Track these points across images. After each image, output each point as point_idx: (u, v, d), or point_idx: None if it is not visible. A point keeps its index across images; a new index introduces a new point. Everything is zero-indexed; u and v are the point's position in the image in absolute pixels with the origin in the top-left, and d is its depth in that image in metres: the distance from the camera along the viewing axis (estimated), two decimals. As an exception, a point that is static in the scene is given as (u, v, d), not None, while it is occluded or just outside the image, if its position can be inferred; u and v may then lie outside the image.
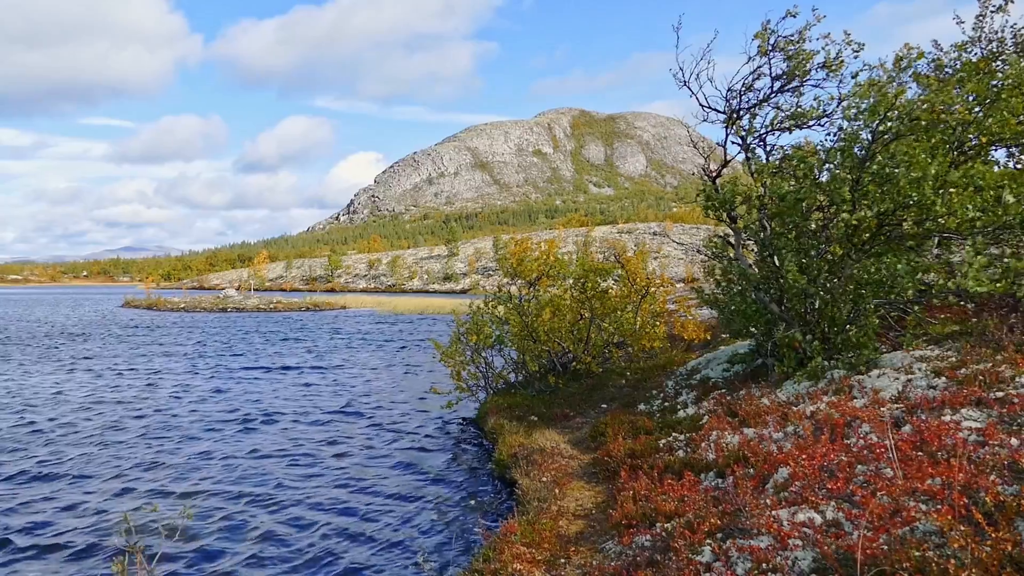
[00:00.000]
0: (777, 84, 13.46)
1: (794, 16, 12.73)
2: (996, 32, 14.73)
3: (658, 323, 21.63)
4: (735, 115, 13.83)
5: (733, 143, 14.11)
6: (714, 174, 14.33)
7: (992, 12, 14.50)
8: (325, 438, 18.13)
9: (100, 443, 17.49)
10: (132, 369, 32.43)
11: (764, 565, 5.45)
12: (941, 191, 11.05)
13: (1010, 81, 13.04)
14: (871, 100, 11.96)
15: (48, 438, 18.05)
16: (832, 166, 12.82)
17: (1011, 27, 14.56)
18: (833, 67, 12.93)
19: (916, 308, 11.89)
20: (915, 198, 11.01)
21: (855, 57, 12.87)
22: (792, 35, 12.92)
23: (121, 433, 18.71)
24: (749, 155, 14.04)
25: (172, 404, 22.90)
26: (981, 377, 8.81)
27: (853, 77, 12.90)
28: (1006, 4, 14.21)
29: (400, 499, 13.29)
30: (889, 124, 11.73)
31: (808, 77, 13.13)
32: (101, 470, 15.09)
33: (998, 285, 10.26)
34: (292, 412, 21.57)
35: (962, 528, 4.85)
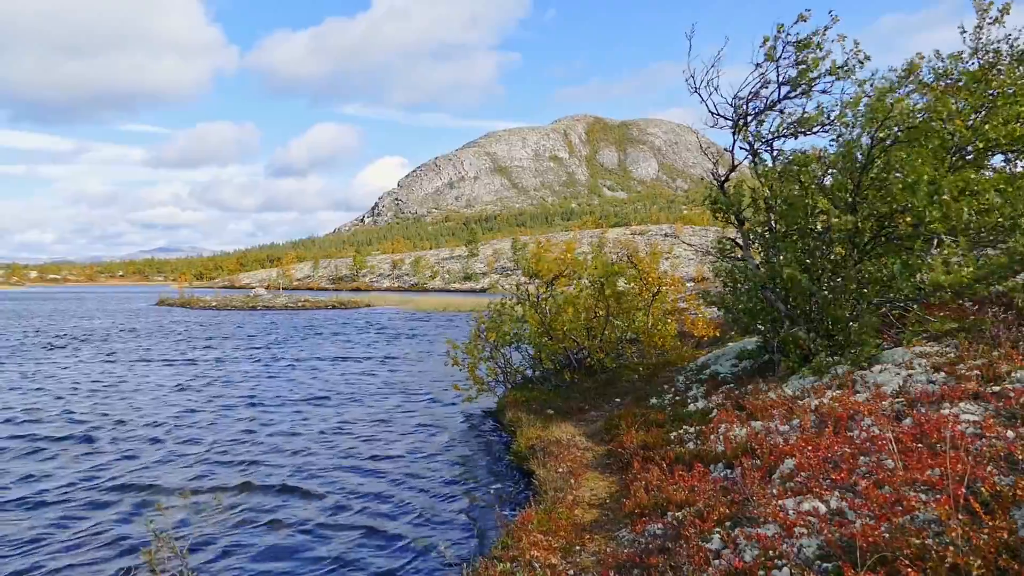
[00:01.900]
0: (784, 90, 13.46)
1: (805, 20, 12.73)
2: (992, 43, 14.73)
3: (669, 321, 21.61)
4: (742, 121, 13.83)
5: (741, 148, 14.13)
6: (722, 178, 14.32)
7: (989, 24, 14.51)
8: (353, 426, 18.31)
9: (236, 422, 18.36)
10: (191, 361, 33.83)
11: (771, 552, 5.47)
12: (935, 197, 11.03)
13: (1007, 89, 13.05)
14: (866, 108, 11.96)
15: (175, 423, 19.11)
16: (834, 171, 12.84)
17: (1007, 38, 14.57)
18: (840, 75, 12.93)
19: (916, 306, 11.87)
20: (909, 203, 11.01)
21: (861, 67, 12.89)
22: (804, 38, 12.85)
23: (228, 410, 21.05)
24: (756, 160, 14.04)
25: (211, 395, 23.21)
26: (978, 372, 8.79)
27: (860, 85, 12.91)
28: (1002, 16, 14.22)
29: (422, 487, 13.36)
30: (887, 131, 11.72)
31: (815, 82, 13.13)
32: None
33: (962, 276, 10.26)
34: (309, 399, 21.94)
35: (960, 517, 4.85)
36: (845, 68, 12.85)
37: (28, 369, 31.09)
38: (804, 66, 13.02)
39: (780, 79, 13.38)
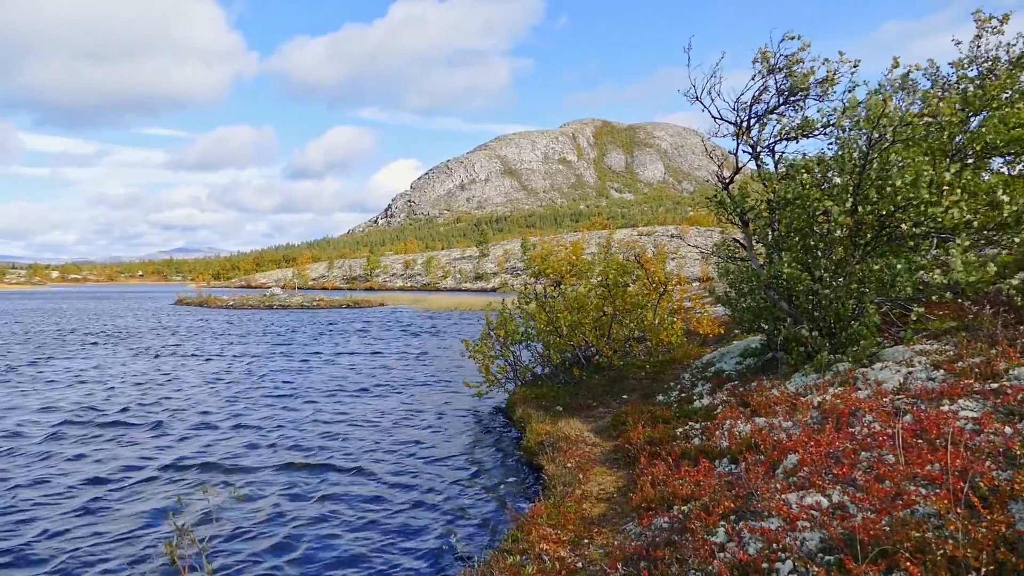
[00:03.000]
0: (781, 98, 13.55)
1: (792, 39, 13.01)
2: (991, 51, 14.77)
3: (675, 319, 21.61)
4: (744, 126, 13.86)
5: (744, 152, 14.12)
6: (727, 181, 14.33)
7: (988, 34, 14.54)
8: (368, 420, 18.45)
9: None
10: (232, 356, 35.09)
11: (774, 545, 5.47)
12: (935, 191, 11.03)
13: (1005, 94, 13.09)
14: (864, 111, 11.98)
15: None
16: (833, 173, 12.86)
17: (1005, 46, 14.61)
18: (825, 87, 13.13)
19: (916, 305, 11.85)
20: (912, 199, 11.00)
21: (853, 72, 12.98)
22: (792, 54, 13.10)
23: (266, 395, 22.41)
24: (759, 163, 14.08)
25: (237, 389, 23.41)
26: (977, 370, 8.78)
27: (849, 91, 13.03)
28: (1001, 25, 14.23)
29: (434, 481, 13.39)
30: (883, 131, 11.73)
31: (809, 92, 13.29)
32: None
33: (988, 271, 10.22)
34: (324, 392, 22.27)
35: (959, 511, 4.85)
36: (831, 78, 13.06)
37: (75, 364, 32.11)
38: (795, 79, 13.21)
39: (778, 87, 13.49)
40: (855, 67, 12.92)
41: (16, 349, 38.70)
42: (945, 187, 11.12)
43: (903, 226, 11.39)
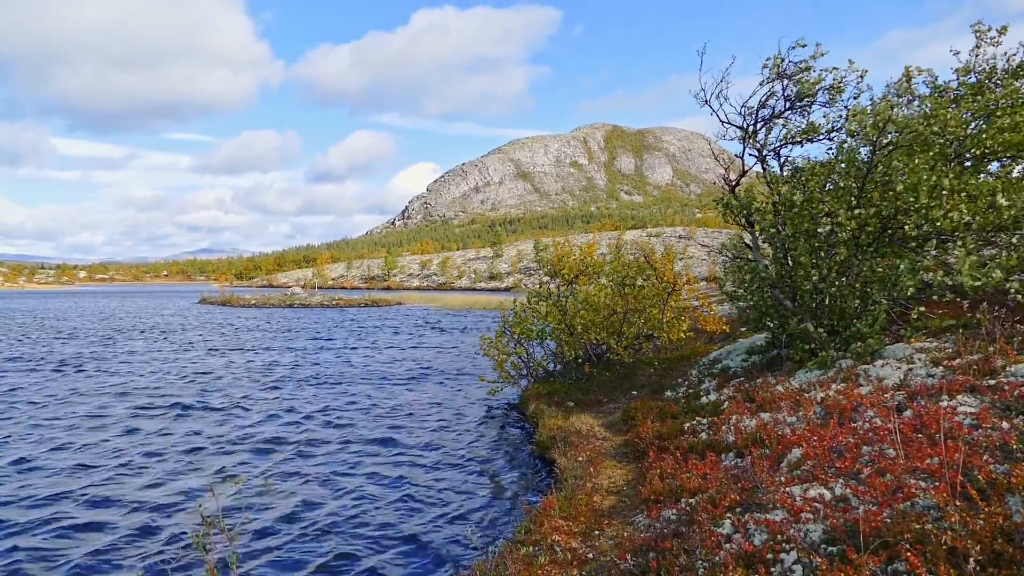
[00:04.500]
0: (788, 103, 13.58)
1: (803, 46, 13.03)
2: (989, 60, 14.81)
3: (683, 317, 21.58)
4: (751, 130, 13.85)
5: (750, 155, 14.13)
6: (733, 183, 14.32)
7: (987, 44, 14.59)
8: (385, 413, 18.60)
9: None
10: (279, 349, 35.50)
11: (779, 536, 5.47)
12: (935, 195, 11.01)
13: (1004, 100, 13.10)
14: (872, 117, 11.97)
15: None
16: (837, 176, 12.87)
17: (1003, 54, 14.66)
18: (832, 95, 13.16)
19: (917, 304, 11.83)
20: (913, 203, 10.99)
21: (860, 80, 13.02)
22: (801, 62, 13.17)
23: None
24: (765, 166, 14.07)
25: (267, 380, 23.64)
26: (975, 366, 8.78)
27: (855, 98, 13.06)
28: (999, 36, 14.26)
29: (450, 474, 13.44)
30: (888, 136, 11.72)
31: (816, 99, 13.33)
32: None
33: (993, 278, 10.20)
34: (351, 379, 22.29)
35: (958, 503, 4.85)
36: (838, 86, 13.11)
37: (136, 358, 33.47)
38: (803, 86, 13.26)
39: (785, 93, 13.52)
40: (862, 76, 12.98)
41: (69, 342, 40.70)
42: (944, 191, 11.11)
43: (905, 228, 11.39)
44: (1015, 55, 14.57)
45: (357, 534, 10.51)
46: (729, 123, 14.01)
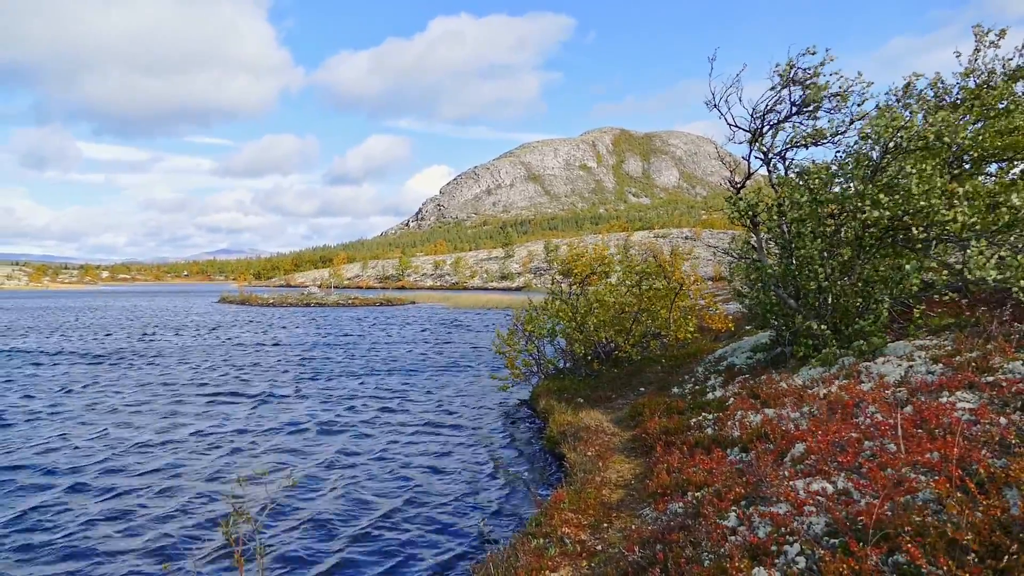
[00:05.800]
0: (795, 108, 13.61)
1: (813, 54, 13.13)
2: (988, 64, 14.78)
3: (690, 316, 21.57)
4: (758, 133, 13.86)
5: (756, 158, 14.14)
6: (739, 185, 14.32)
7: (986, 48, 14.57)
8: (399, 409, 18.54)
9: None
10: (294, 343, 36.26)
11: (783, 529, 5.48)
12: (942, 198, 11.01)
13: (1000, 102, 13.11)
14: (887, 121, 11.97)
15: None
16: (843, 179, 12.86)
17: (1001, 59, 14.62)
18: (838, 101, 13.23)
19: (918, 303, 11.81)
20: (923, 205, 10.97)
21: (866, 89, 13.11)
22: (809, 68, 13.22)
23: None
24: (770, 169, 14.07)
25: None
26: (974, 364, 8.77)
27: (859, 104, 13.10)
28: (998, 40, 14.24)
29: (463, 468, 13.48)
30: (899, 142, 11.73)
31: (822, 104, 13.39)
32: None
33: (1009, 275, 10.19)
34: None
35: (957, 496, 4.85)
36: (844, 93, 13.21)
37: (189, 349, 35.54)
38: (811, 92, 13.34)
39: (791, 98, 13.55)
40: (868, 86, 13.06)
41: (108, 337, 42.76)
42: (955, 194, 11.11)
43: (913, 230, 11.37)
44: (1011, 59, 14.56)
45: (364, 526, 10.55)
46: (737, 126, 14.03)
